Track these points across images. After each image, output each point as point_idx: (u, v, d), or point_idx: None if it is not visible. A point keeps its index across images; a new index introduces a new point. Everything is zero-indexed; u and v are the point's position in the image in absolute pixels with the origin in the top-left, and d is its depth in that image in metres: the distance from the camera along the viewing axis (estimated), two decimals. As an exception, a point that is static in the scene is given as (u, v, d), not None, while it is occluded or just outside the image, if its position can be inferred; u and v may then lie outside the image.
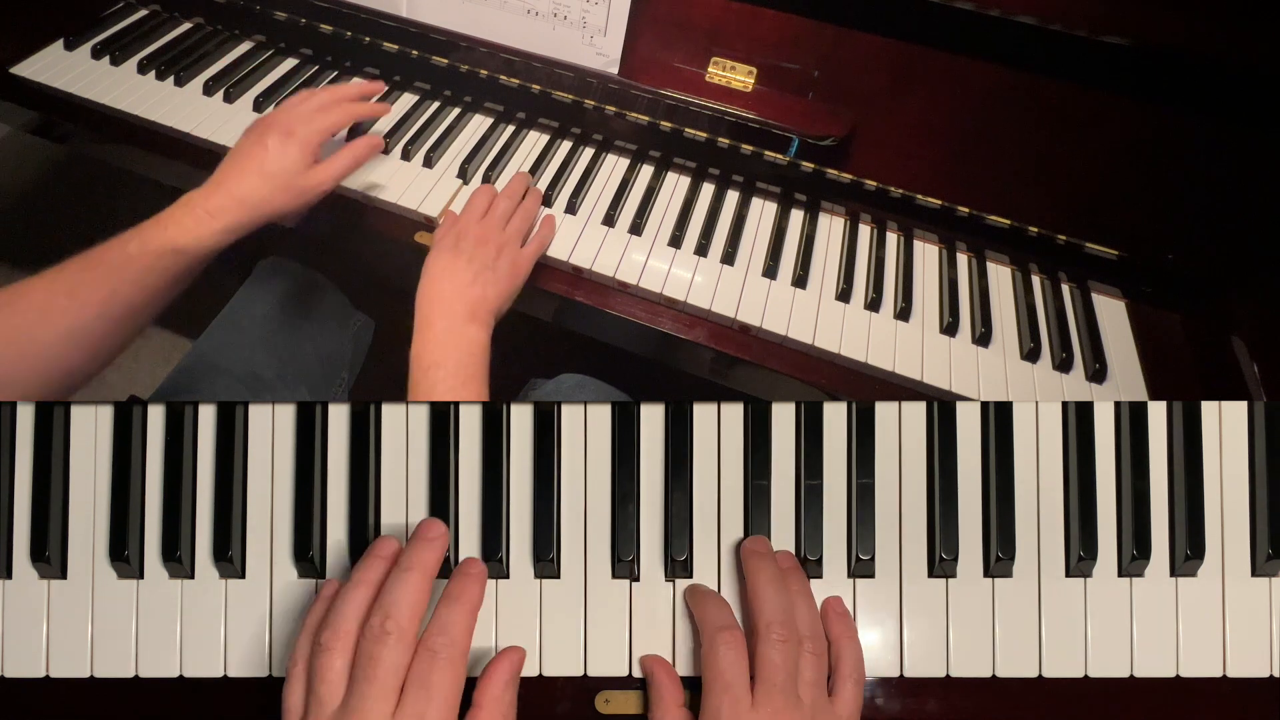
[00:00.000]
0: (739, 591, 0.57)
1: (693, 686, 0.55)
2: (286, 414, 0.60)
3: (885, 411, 0.59)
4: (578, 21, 0.83)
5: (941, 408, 0.58)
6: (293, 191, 0.70)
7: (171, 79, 0.92)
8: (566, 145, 0.90)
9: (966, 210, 0.80)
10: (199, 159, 0.88)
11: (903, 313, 0.77)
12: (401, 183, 0.84)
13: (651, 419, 0.59)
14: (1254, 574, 0.57)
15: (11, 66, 0.92)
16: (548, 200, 0.83)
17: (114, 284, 0.63)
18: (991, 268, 0.82)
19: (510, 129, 0.91)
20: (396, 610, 0.47)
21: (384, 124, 0.90)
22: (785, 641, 0.50)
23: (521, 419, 0.59)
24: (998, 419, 0.58)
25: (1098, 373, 0.73)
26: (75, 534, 0.58)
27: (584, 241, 0.80)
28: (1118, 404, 0.58)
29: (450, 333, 0.66)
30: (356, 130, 0.86)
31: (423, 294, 0.69)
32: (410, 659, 0.47)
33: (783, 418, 0.59)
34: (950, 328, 0.76)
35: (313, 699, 0.46)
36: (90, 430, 0.59)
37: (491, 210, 0.75)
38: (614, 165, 0.89)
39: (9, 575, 0.58)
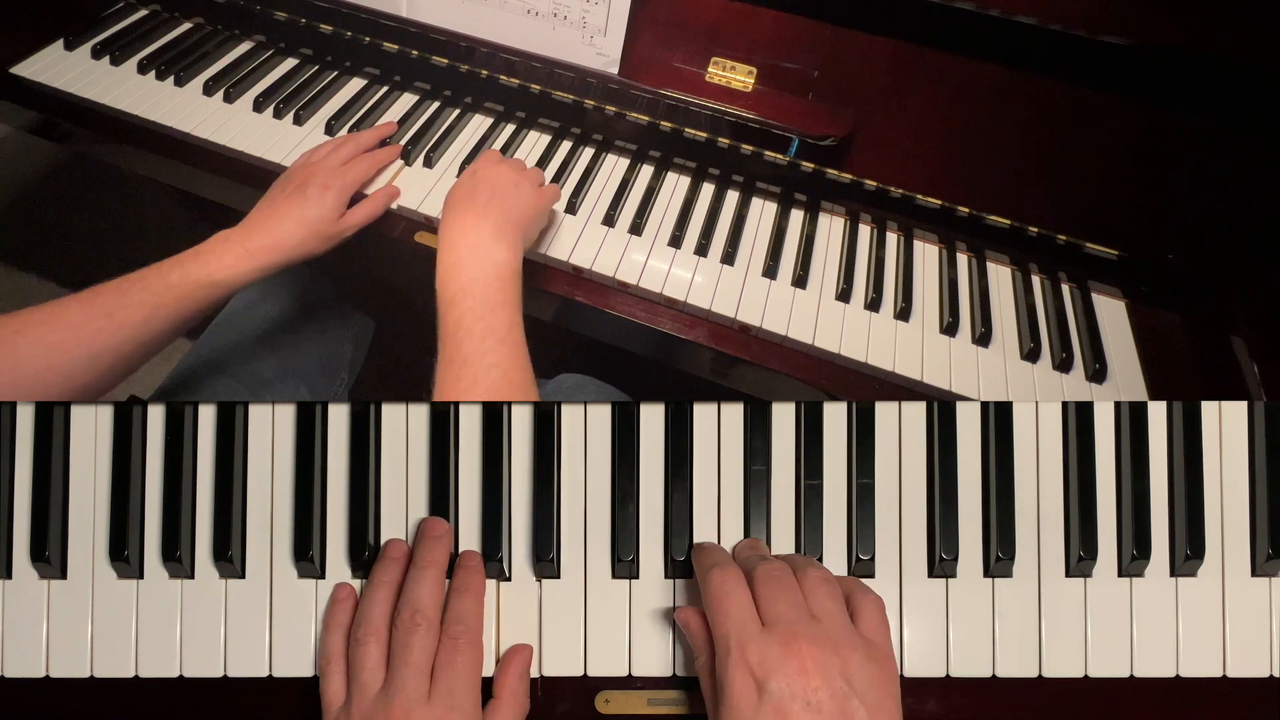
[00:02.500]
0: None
1: (692, 687, 0.56)
2: (286, 414, 0.60)
3: (885, 411, 0.59)
4: (578, 21, 0.83)
5: (941, 408, 0.58)
6: (323, 238, 0.75)
7: (171, 79, 0.92)
8: (566, 145, 0.90)
9: (966, 210, 0.80)
10: (198, 159, 0.88)
11: (903, 313, 0.77)
12: (402, 183, 0.84)
13: (651, 419, 0.59)
14: (1254, 574, 0.57)
15: (11, 66, 0.92)
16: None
17: (151, 310, 0.65)
18: (991, 268, 0.82)
19: (510, 129, 0.91)
20: (422, 604, 0.52)
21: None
22: (780, 574, 0.49)
23: (521, 419, 0.59)
24: (998, 419, 0.58)
25: (1098, 373, 0.73)
26: (75, 534, 0.58)
27: (584, 241, 0.80)
28: (1118, 404, 0.58)
29: (476, 250, 0.65)
30: None
31: (443, 216, 0.69)
32: (436, 645, 0.52)
33: (783, 418, 0.59)
34: (950, 328, 0.76)
35: (355, 686, 0.51)
36: (90, 430, 0.59)
37: (507, 162, 0.75)
38: (614, 165, 0.89)
39: (9, 575, 0.58)
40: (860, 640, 0.47)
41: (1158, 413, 0.58)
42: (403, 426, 0.59)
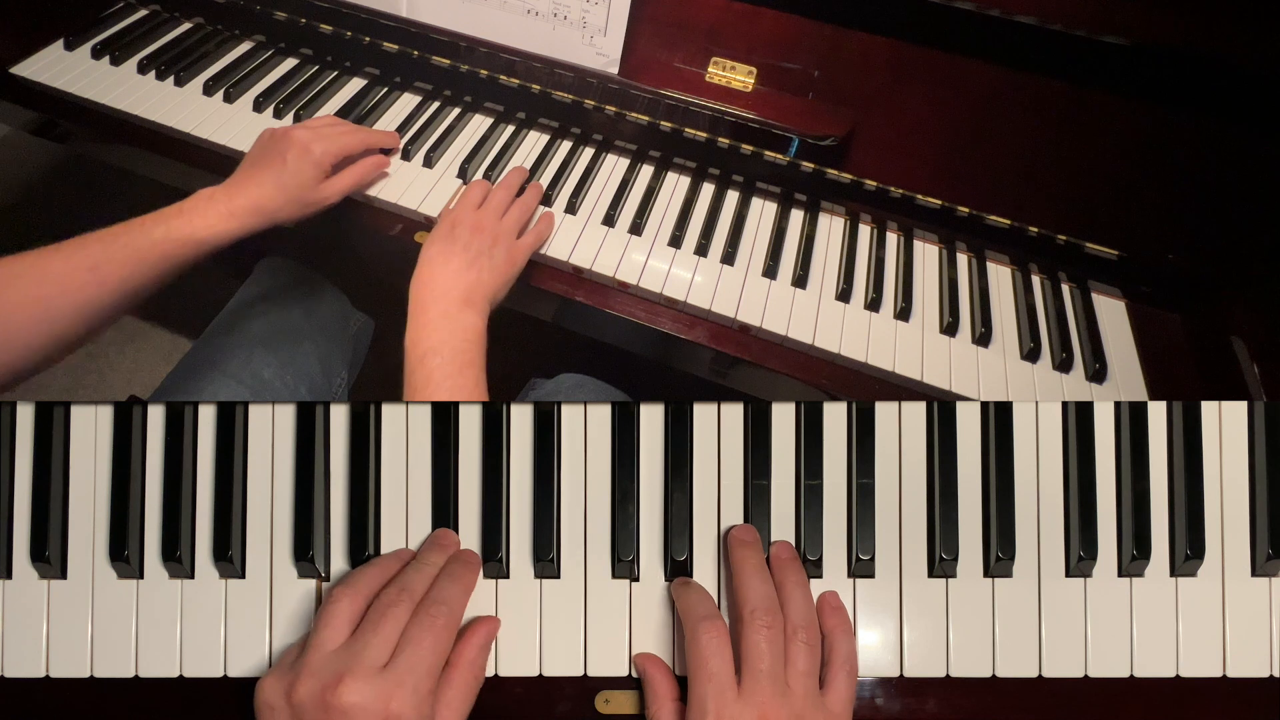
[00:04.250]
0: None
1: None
2: (286, 414, 0.60)
3: (885, 411, 0.59)
4: (578, 21, 0.83)
5: (941, 408, 0.58)
6: (301, 204, 0.75)
7: (171, 79, 0.92)
8: (566, 145, 0.90)
9: (966, 210, 0.80)
10: (198, 159, 0.88)
11: (903, 313, 0.77)
12: (401, 182, 0.84)
13: (651, 419, 0.59)
14: (1254, 574, 0.57)
15: (11, 66, 0.92)
16: (547, 200, 0.83)
17: (134, 265, 0.66)
18: (991, 268, 0.83)
19: (510, 129, 0.91)
20: (410, 585, 0.52)
21: (385, 125, 0.90)
22: (770, 628, 0.50)
23: (521, 419, 0.59)
24: (998, 419, 0.58)
25: (1098, 373, 0.73)
26: (75, 534, 0.58)
27: (584, 241, 0.80)
28: (1118, 404, 0.58)
29: (445, 317, 0.66)
30: None
31: (417, 280, 0.70)
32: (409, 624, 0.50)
33: (783, 418, 0.59)
34: (950, 328, 0.76)
35: (312, 640, 0.50)
36: (90, 430, 0.59)
37: (488, 201, 0.76)
38: (614, 165, 0.89)
39: (9, 575, 0.58)
40: (825, 716, 0.50)
41: (1158, 413, 0.58)
42: (403, 426, 0.59)
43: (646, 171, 0.88)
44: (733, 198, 0.86)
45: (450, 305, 0.67)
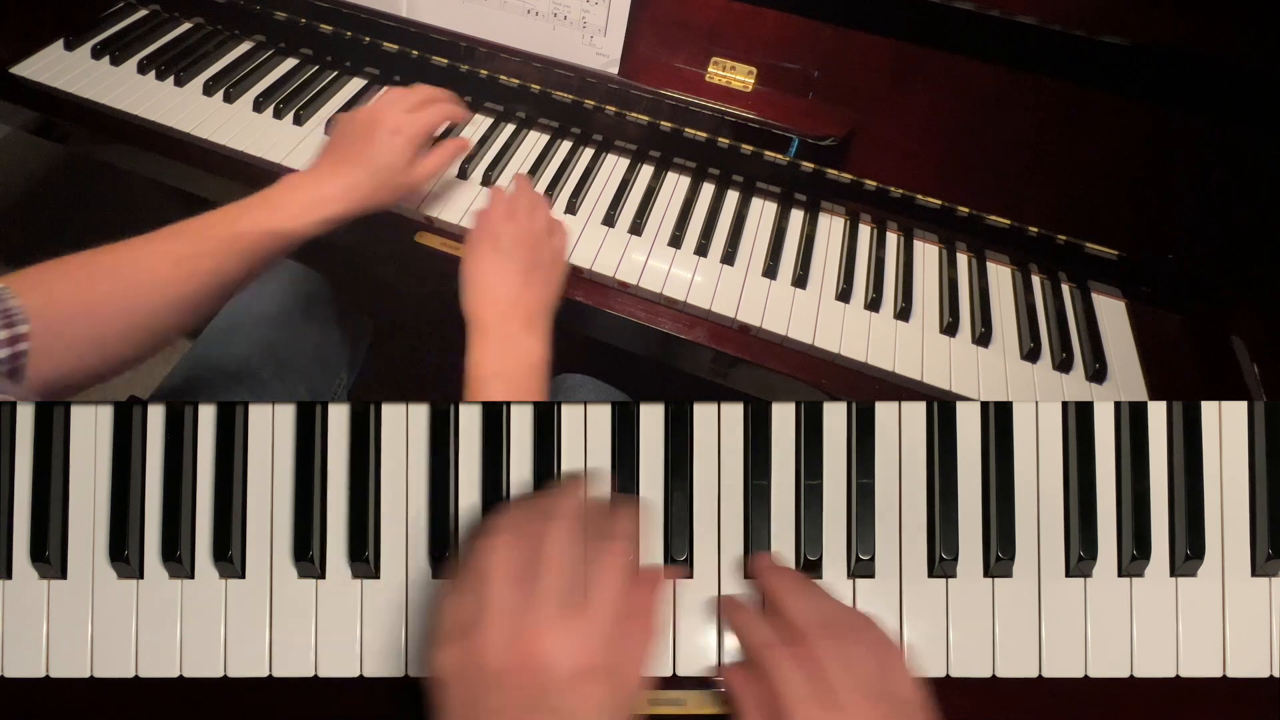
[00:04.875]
0: (741, 592, 0.57)
1: (692, 687, 0.55)
2: (286, 414, 0.59)
3: (885, 411, 0.59)
4: (578, 21, 0.83)
5: (941, 408, 0.58)
6: (393, 188, 0.72)
7: (171, 79, 0.92)
8: (566, 145, 0.90)
9: (966, 210, 0.80)
10: (198, 159, 0.88)
11: (903, 313, 0.77)
12: (401, 183, 0.84)
13: (651, 419, 0.59)
14: (1254, 574, 0.57)
15: (11, 66, 0.92)
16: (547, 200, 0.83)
17: (222, 259, 0.65)
18: (991, 268, 0.82)
19: (510, 129, 0.91)
20: (572, 516, 0.47)
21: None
22: (838, 639, 0.49)
23: (521, 419, 0.59)
24: (998, 419, 0.58)
25: (1098, 373, 0.73)
26: (75, 534, 0.58)
27: (584, 242, 0.80)
28: (1118, 404, 0.58)
29: (509, 341, 0.65)
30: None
31: (476, 300, 0.67)
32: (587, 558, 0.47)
33: (783, 418, 0.59)
34: (950, 328, 0.76)
35: (484, 595, 0.44)
36: (90, 430, 0.59)
37: (515, 208, 0.72)
38: (614, 165, 0.89)
39: (9, 575, 0.58)
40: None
41: (1158, 413, 0.58)
42: (403, 426, 0.59)
43: (646, 171, 0.88)
44: (733, 198, 0.86)
45: (513, 328, 0.65)
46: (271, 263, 0.68)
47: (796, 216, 0.85)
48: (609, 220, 0.82)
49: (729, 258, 0.80)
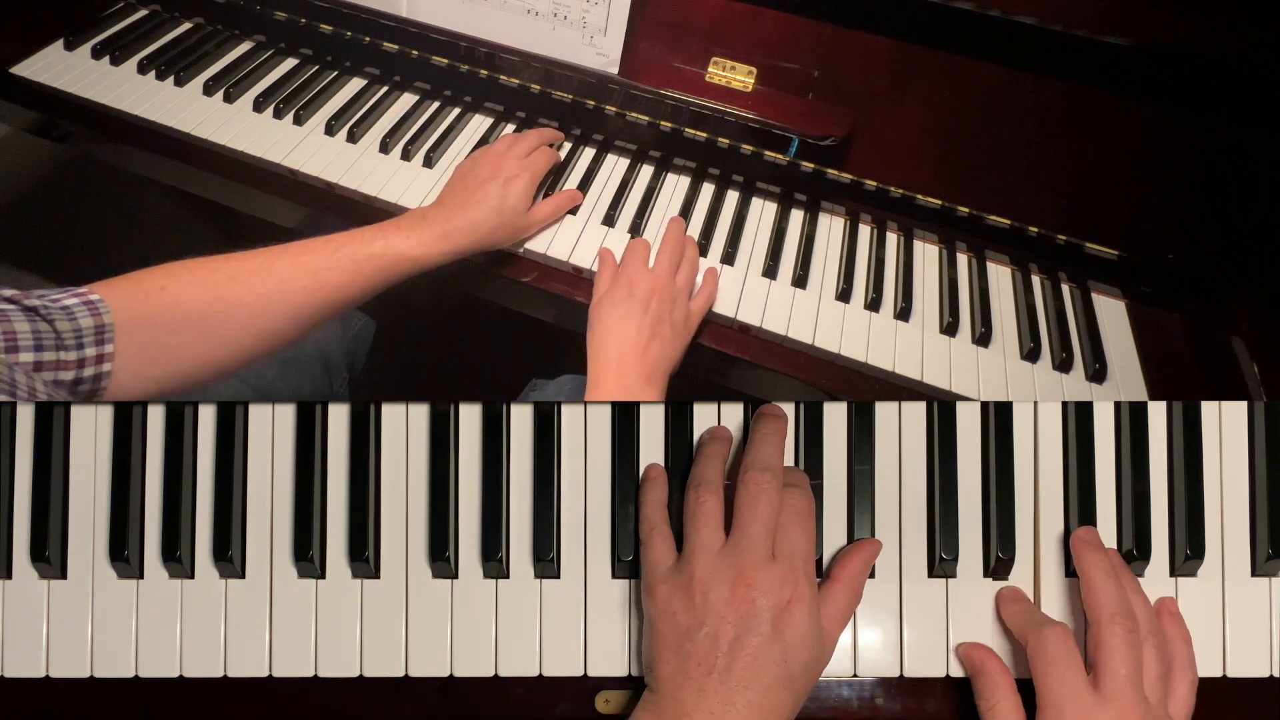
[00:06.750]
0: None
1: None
2: (286, 414, 0.59)
3: (885, 411, 0.59)
4: (578, 21, 0.83)
5: (941, 408, 0.58)
6: (513, 229, 0.77)
7: (171, 79, 0.92)
8: (566, 145, 0.90)
9: (966, 210, 0.80)
10: (199, 159, 0.88)
11: (903, 313, 0.77)
12: (401, 183, 0.84)
13: (651, 419, 0.59)
14: (1254, 574, 0.57)
15: (11, 66, 0.92)
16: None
17: (352, 275, 0.67)
18: (991, 268, 0.82)
19: (510, 129, 0.91)
20: (771, 463, 0.52)
21: (385, 124, 0.90)
22: (1131, 632, 0.49)
23: (521, 419, 0.59)
24: (998, 419, 0.58)
25: (1098, 373, 0.73)
26: (75, 534, 0.58)
27: (584, 242, 0.80)
28: (1118, 404, 0.58)
29: (626, 392, 0.66)
30: None
31: (599, 342, 0.70)
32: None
33: (783, 418, 0.59)
34: (950, 328, 0.76)
35: (693, 544, 0.50)
36: (90, 430, 0.59)
37: (659, 259, 0.74)
38: (614, 165, 0.89)
39: (9, 575, 0.58)
40: None
41: (1158, 413, 0.58)
42: (403, 426, 0.59)
43: (646, 171, 0.88)
44: (733, 198, 0.86)
45: (632, 380, 0.67)
46: (391, 285, 0.71)
47: (796, 216, 0.85)
48: (609, 220, 0.82)
49: (729, 257, 0.80)
